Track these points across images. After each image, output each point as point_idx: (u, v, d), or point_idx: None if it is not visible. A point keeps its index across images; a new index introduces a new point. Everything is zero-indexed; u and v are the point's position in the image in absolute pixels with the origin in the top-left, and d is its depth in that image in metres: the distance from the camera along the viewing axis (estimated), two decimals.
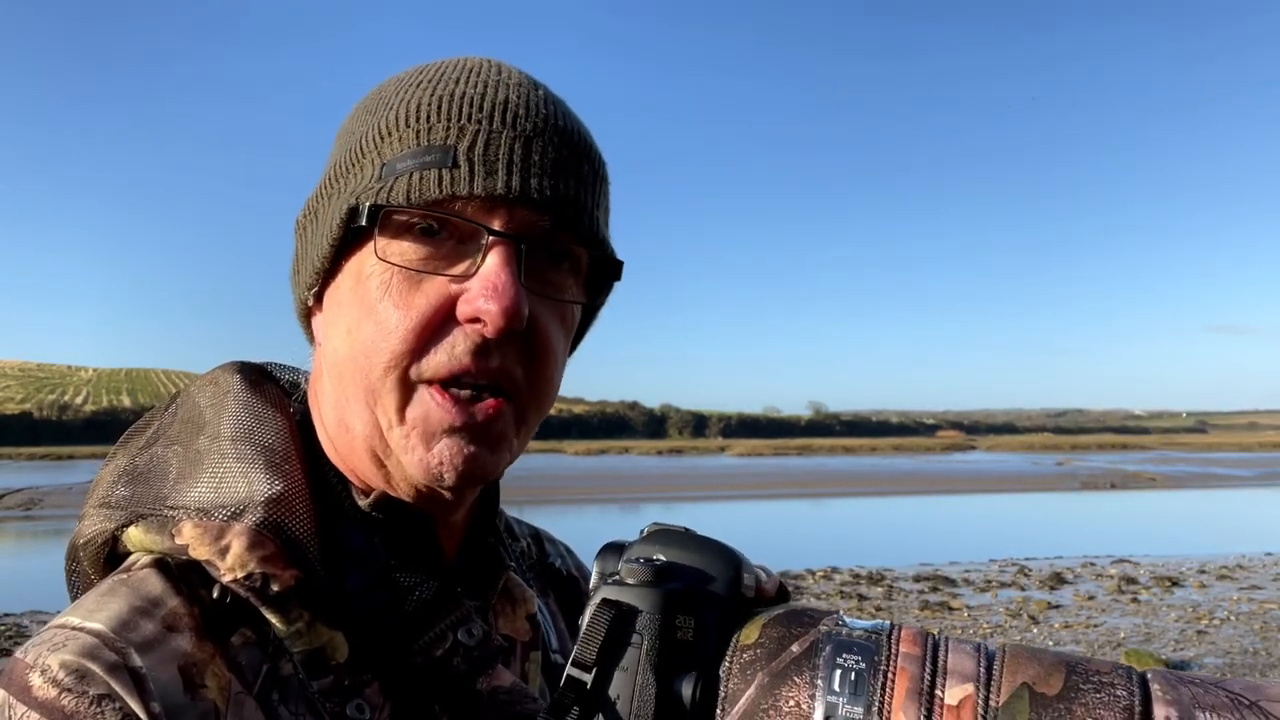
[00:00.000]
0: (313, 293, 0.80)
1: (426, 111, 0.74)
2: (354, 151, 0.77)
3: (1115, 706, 0.49)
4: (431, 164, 0.72)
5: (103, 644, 0.65)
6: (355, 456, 0.78)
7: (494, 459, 0.75)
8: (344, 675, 0.71)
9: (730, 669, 0.55)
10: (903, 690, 0.51)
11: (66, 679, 0.63)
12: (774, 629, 0.56)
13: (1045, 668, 0.51)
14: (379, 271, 0.73)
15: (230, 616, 0.71)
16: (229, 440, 0.77)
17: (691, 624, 0.57)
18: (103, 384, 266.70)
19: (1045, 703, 0.49)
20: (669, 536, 0.62)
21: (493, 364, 0.72)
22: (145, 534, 0.73)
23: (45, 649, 0.66)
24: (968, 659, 0.52)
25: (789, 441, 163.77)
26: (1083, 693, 0.49)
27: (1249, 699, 0.48)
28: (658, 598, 0.57)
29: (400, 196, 0.71)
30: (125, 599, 0.69)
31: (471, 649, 0.77)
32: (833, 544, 20.05)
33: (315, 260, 0.77)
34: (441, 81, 0.76)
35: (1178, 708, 0.48)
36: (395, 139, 0.74)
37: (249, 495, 0.73)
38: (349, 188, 0.75)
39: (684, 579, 0.58)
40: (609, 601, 0.57)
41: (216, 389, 0.82)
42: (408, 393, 0.73)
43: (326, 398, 0.79)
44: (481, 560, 0.86)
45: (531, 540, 1.02)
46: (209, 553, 0.70)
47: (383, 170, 0.73)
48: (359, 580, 0.75)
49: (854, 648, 0.53)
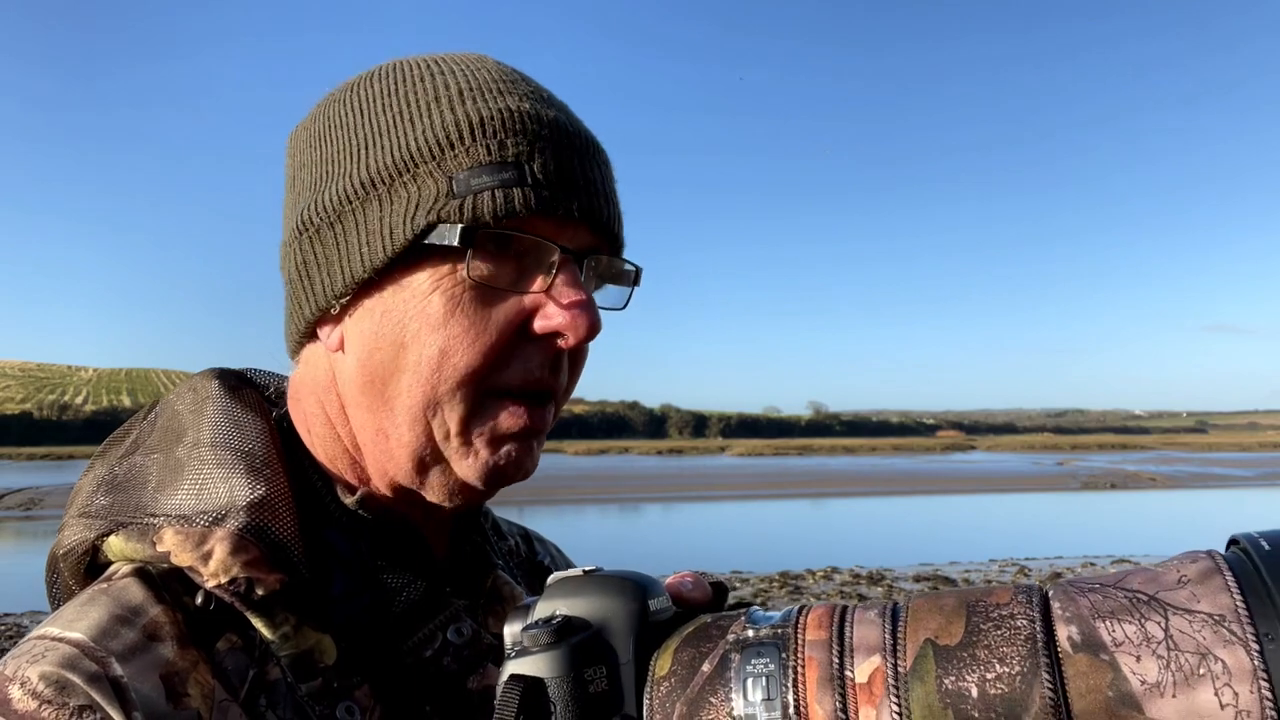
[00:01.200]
0: (341, 301, 0.76)
1: (492, 126, 0.73)
2: (400, 159, 0.74)
3: (1017, 639, 0.48)
4: (511, 182, 0.72)
5: (83, 654, 0.65)
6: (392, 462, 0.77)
7: (538, 458, 0.79)
8: (333, 678, 0.71)
9: (651, 706, 0.54)
10: (814, 680, 0.51)
11: (46, 690, 0.62)
12: (684, 652, 0.55)
13: (946, 616, 0.50)
14: (448, 286, 0.72)
15: (215, 623, 0.70)
16: (209, 446, 0.76)
17: (604, 672, 0.56)
18: (103, 384, 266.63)
19: (949, 654, 0.49)
20: (568, 586, 0.60)
21: (561, 377, 0.77)
22: (126, 542, 0.72)
23: (25, 661, 0.65)
24: (872, 628, 0.51)
25: (789, 441, 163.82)
26: (983, 633, 0.49)
27: (1147, 594, 0.48)
28: (561, 658, 0.55)
29: (486, 214, 0.71)
30: (105, 608, 0.68)
31: (461, 648, 0.77)
32: (833, 544, 20.04)
33: (357, 269, 0.74)
34: (489, 93, 0.76)
35: (1078, 623, 0.47)
36: (462, 152, 0.72)
37: (230, 500, 0.72)
38: (407, 199, 0.73)
39: (585, 630, 0.57)
40: (515, 677, 0.56)
41: (195, 396, 0.82)
42: (478, 404, 0.74)
43: (356, 407, 0.78)
44: (470, 559, 0.86)
45: (521, 539, 1.02)
46: (191, 559, 0.70)
47: (453, 185, 0.72)
48: (345, 582, 0.75)
49: (761, 650, 0.53)
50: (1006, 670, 0.47)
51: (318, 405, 0.81)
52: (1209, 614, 0.46)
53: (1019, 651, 0.48)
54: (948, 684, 0.48)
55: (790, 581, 14.58)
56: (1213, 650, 0.45)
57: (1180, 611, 0.46)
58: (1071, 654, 0.47)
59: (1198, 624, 0.45)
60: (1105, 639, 0.47)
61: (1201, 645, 0.45)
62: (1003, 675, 0.47)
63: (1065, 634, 0.48)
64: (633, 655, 0.57)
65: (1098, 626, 0.47)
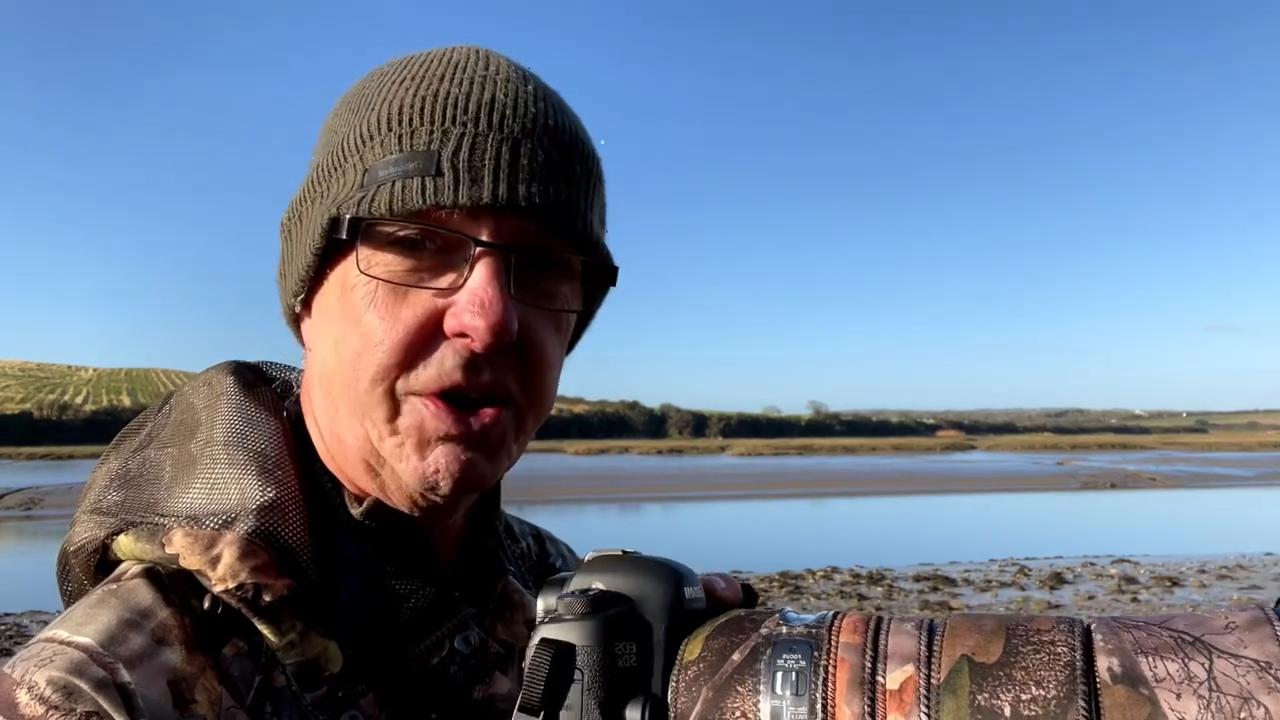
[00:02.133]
0: (299, 300, 0.77)
1: (409, 114, 0.71)
2: (337, 154, 0.74)
3: (1056, 664, 0.48)
4: (414, 172, 0.68)
5: (90, 659, 0.64)
6: (349, 465, 0.77)
7: (491, 466, 0.74)
8: (338, 686, 0.70)
9: (677, 687, 0.55)
10: (844, 681, 0.51)
11: (54, 696, 0.62)
12: (716, 640, 0.56)
13: (985, 635, 0.50)
14: (364, 283, 0.70)
15: (222, 627, 0.69)
16: (221, 445, 0.76)
17: (633, 649, 0.57)
18: (103, 384, 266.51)
19: (985, 671, 0.49)
20: (607, 563, 0.61)
21: (483, 378, 0.71)
22: (135, 542, 0.72)
23: (33, 664, 0.64)
24: (908, 639, 0.51)
25: (789, 441, 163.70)
26: (1022, 655, 0.49)
27: (1192, 635, 0.47)
28: (595, 628, 0.56)
29: (382, 207, 0.68)
30: (114, 611, 0.68)
31: (468, 657, 0.76)
32: (833, 544, 20.03)
33: (300, 268, 0.75)
34: (425, 79, 0.73)
35: (1119, 655, 0.47)
36: (377, 143, 0.71)
37: (241, 503, 0.71)
38: (331, 194, 0.72)
39: (621, 605, 0.58)
40: (547, 641, 0.57)
41: (210, 390, 0.81)
42: (397, 404, 0.71)
43: (319, 406, 0.78)
44: (480, 565, 0.85)
45: (533, 540, 1.01)
46: (200, 562, 0.69)
47: (364, 178, 0.70)
48: (353, 588, 0.73)
49: (794, 646, 0.53)
50: (1042, 694, 0.47)
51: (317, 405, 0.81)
52: (1255, 660, 0.45)
53: (1057, 677, 0.47)
54: (981, 700, 0.48)
55: (790, 581, 14.55)
56: (1256, 695, 0.44)
57: (1225, 655, 0.46)
58: (1110, 685, 0.46)
59: (1243, 669, 0.45)
60: (1146, 674, 0.46)
61: (1245, 689, 0.44)
62: (1038, 698, 0.47)
63: (1106, 664, 0.47)
64: (664, 637, 0.57)
65: (1139, 661, 0.46)
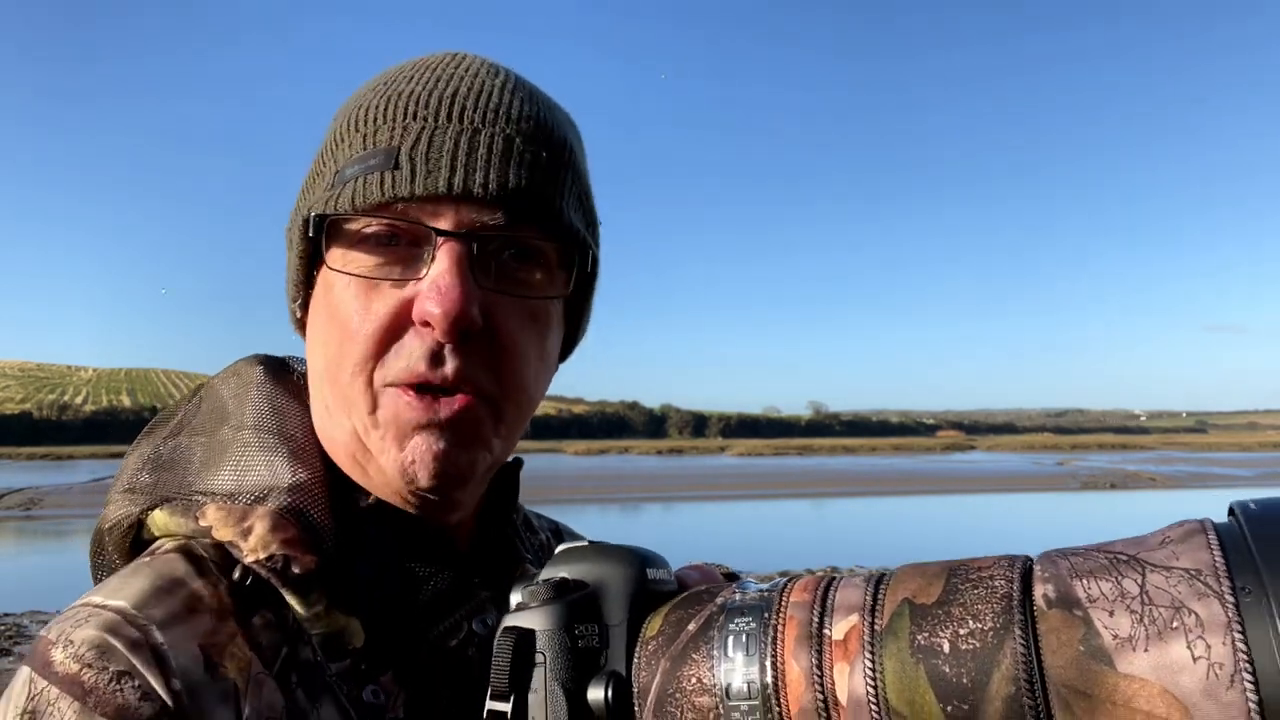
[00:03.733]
0: (298, 305, 0.81)
1: (373, 114, 0.74)
2: (317, 162, 0.79)
3: (993, 597, 0.49)
4: (375, 167, 0.71)
5: (125, 620, 0.66)
6: (344, 464, 0.79)
7: (468, 456, 0.75)
8: (361, 660, 0.72)
9: (638, 663, 0.57)
10: (792, 637, 0.52)
11: (88, 654, 0.64)
12: (674, 613, 0.58)
13: (927, 578, 0.52)
14: (340, 281, 0.74)
15: (252, 599, 0.71)
16: (252, 429, 0.78)
17: (595, 629, 0.59)
18: (103, 384, 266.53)
19: (924, 612, 0.50)
20: (571, 554, 0.64)
21: (448, 369, 0.71)
22: (170, 517, 0.75)
23: (69, 625, 0.67)
24: (855, 590, 0.53)
25: (789, 441, 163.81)
26: (961, 592, 0.50)
27: (1128, 554, 0.48)
28: (553, 613, 0.59)
29: (345, 203, 0.71)
30: (148, 578, 0.70)
31: (486, 639, 0.77)
32: (833, 544, 20.05)
33: (292, 273, 0.79)
34: (394, 82, 0.77)
35: (1055, 582, 0.48)
36: (345, 145, 0.75)
37: (272, 481, 0.74)
38: (308, 199, 0.77)
39: (581, 589, 0.61)
40: (509, 629, 0.59)
41: (239, 380, 0.84)
42: (375, 396, 0.74)
43: (315, 405, 0.81)
44: (498, 552, 0.86)
45: (551, 534, 1.02)
46: (232, 534, 0.72)
47: (334, 179, 0.74)
48: (373, 570, 0.75)
49: (745, 610, 0.55)
50: (979, 626, 0.48)
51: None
52: (1186, 569, 0.46)
53: (993, 609, 0.48)
54: (920, 640, 0.49)
55: None
56: (1187, 604, 0.44)
57: (1158, 568, 0.46)
58: (1046, 611, 0.47)
59: (1174, 579, 0.45)
60: (1080, 595, 0.47)
61: (1176, 599, 0.45)
62: (975, 631, 0.48)
63: (1041, 592, 0.48)
64: (626, 617, 0.60)
65: (1074, 584, 0.47)
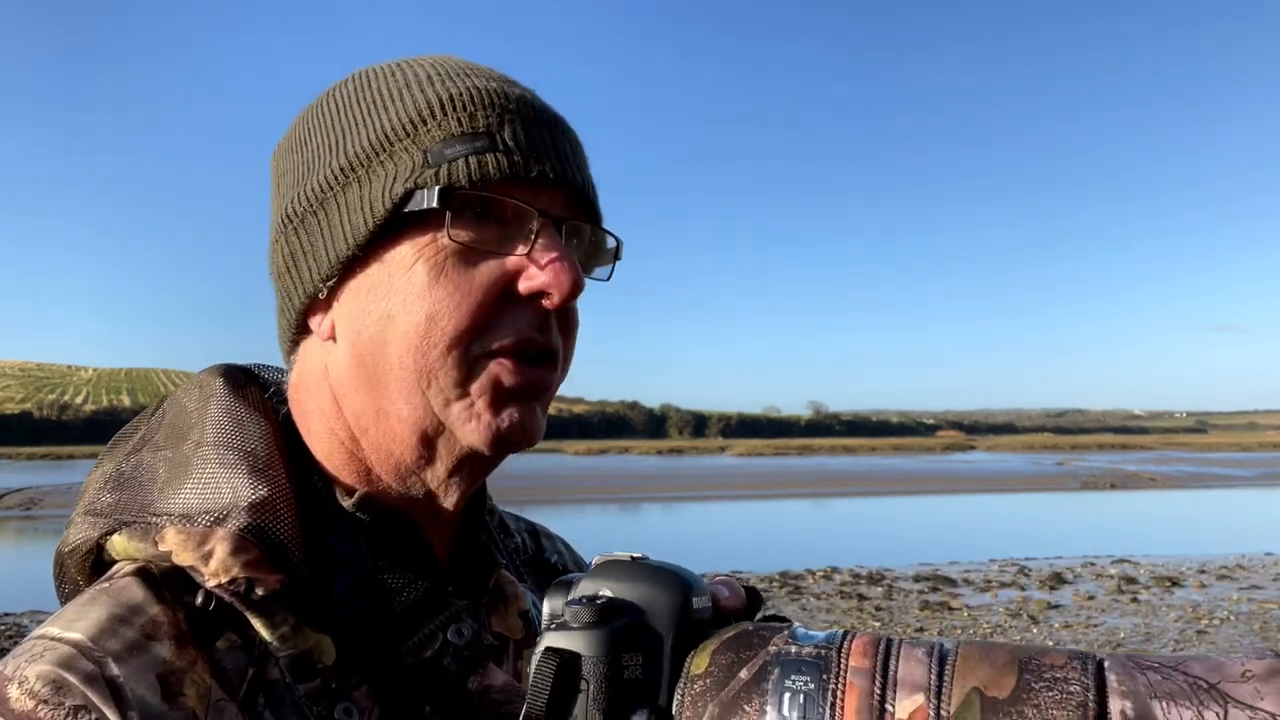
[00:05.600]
0: (328, 285, 0.78)
1: (461, 101, 0.76)
2: (376, 140, 0.77)
3: (1069, 703, 0.47)
4: (483, 149, 0.75)
5: (80, 654, 0.66)
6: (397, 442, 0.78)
7: (542, 424, 0.80)
8: (331, 678, 0.71)
9: (683, 701, 0.54)
10: (853, 708, 0.50)
11: (43, 690, 0.64)
12: (723, 655, 0.55)
13: (997, 669, 0.50)
14: (430, 254, 0.74)
15: (215, 623, 0.71)
16: (212, 446, 0.77)
17: (639, 660, 0.56)
18: (103, 384, 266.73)
19: (996, 707, 0.48)
20: (615, 569, 0.61)
21: (552, 336, 0.78)
22: (129, 541, 0.73)
23: (24, 660, 0.66)
24: (918, 666, 0.51)
25: (789, 441, 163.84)
26: (1034, 691, 0.48)
27: (1208, 682, 0.46)
28: (601, 639, 0.56)
29: (461, 178, 0.74)
30: (105, 607, 0.69)
31: (462, 648, 0.77)
32: (833, 544, 20.04)
33: (340, 249, 0.76)
34: (455, 76, 0.79)
35: (1133, 699, 0.46)
36: (434, 127, 0.76)
37: (233, 500, 0.73)
38: (385, 175, 0.75)
39: (629, 615, 0.57)
40: (552, 650, 0.56)
41: (201, 393, 0.82)
42: (470, 367, 0.75)
43: (352, 391, 0.79)
44: (473, 558, 0.86)
45: (528, 536, 1.02)
46: (192, 558, 0.71)
47: (428, 157, 0.75)
48: (345, 583, 0.75)
49: (802, 667, 0.52)
50: None
51: (313, 402, 0.82)
52: (1271, 713, 0.44)
53: (1069, 716, 0.47)
54: None
55: (790, 581, 14.57)
56: None
57: (1241, 706, 0.45)
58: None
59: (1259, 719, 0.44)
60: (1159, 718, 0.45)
61: None
62: None
63: (1119, 707, 0.46)
64: (671, 648, 0.57)
65: (1153, 706, 0.46)
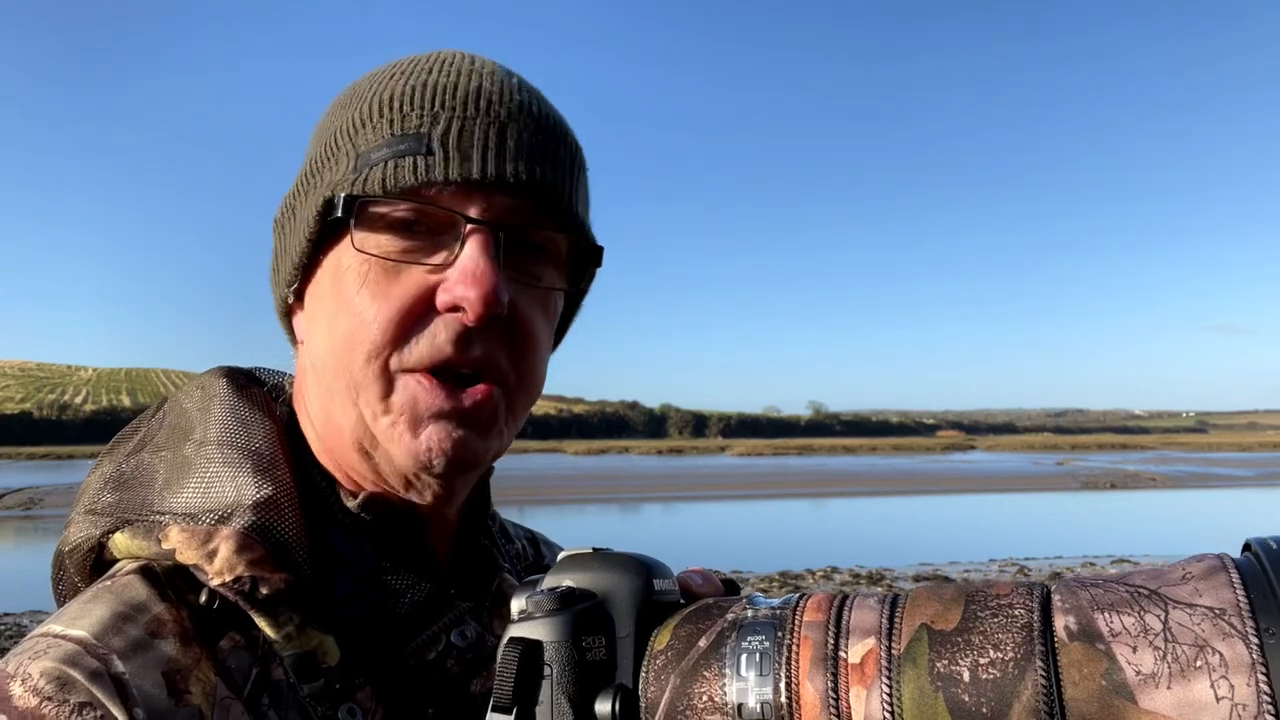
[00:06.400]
0: (292, 290, 0.79)
1: (399, 101, 0.74)
2: (329, 145, 0.76)
3: (1013, 626, 0.48)
4: (406, 152, 0.71)
5: (84, 651, 0.65)
6: (344, 453, 0.78)
7: (484, 445, 0.75)
8: (335, 679, 0.70)
9: (646, 677, 0.56)
10: (807, 659, 0.51)
11: (47, 687, 0.62)
12: (683, 628, 0.56)
13: (945, 603, 0.51)
14: (356, 264, 0.72)
15: (218, 621, 0.70)
16: (215, 445, 0.76)
17: (602, 642, 0.58)
18: (103, 384, 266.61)
19: (943, 638, 0.49)
20: (576, 561, 0.62)
21: (475, 352, 0.72)
22: (132, 539, 0.72)
23: (27, 657, 0.65)
24: (870, 613, 0.52)
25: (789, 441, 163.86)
26: (980, 619, 0.49)
27: (1149, 588, 0.48)
28: (561, 624, 0.57)
29: (375, 186, 0.71)
30: (109, 605, 0.68)
31: (465, 651, 0.77)
32: (833, 544, 20.03)
33: (294, 256, 0.77)
34: (414, 72, 0.76)
35: (1076, 614, 0.48)
36: (369, 130, 0.73)
37: (237, 499, 0.72)
38: (325, 181, 0.75)
39: (589, 600, 0.59)
40: (514, 639, 0.57)
41: (203, 394, 0.82)
42: (390, 382, 0.72)
43: (312, 395, 0.79)
44: (475, 562, 0.86)
45: (528, 543, 1.02)
46: (196, 557, 0.70)
47: (357, 161, 0.73)
48: (349, 584, 0.74)
49: (758, 628, 0.54)
50: (1000, 656, 0.48)
51: (303, 403, 0.82)
52: (1210, 608, 0.45)
53: (1014, 638, 0.48)
54: (940, 667, 0.48)
55: (790, 581, 14.55)
56: (1211, 643, 0.44)
57: (1181, 605, 0.46)
58: (1067, 643, 0.47)
59: (1198, 617, 0.45)
60: (1102, 629, 0.46)
61: (1200, 638, 0.45)
62: (996, 660, 0.48)
63: (1063, 624, 0.47)
64: (633, 629, 0.58)
65: (1096, 617, 0.47)
